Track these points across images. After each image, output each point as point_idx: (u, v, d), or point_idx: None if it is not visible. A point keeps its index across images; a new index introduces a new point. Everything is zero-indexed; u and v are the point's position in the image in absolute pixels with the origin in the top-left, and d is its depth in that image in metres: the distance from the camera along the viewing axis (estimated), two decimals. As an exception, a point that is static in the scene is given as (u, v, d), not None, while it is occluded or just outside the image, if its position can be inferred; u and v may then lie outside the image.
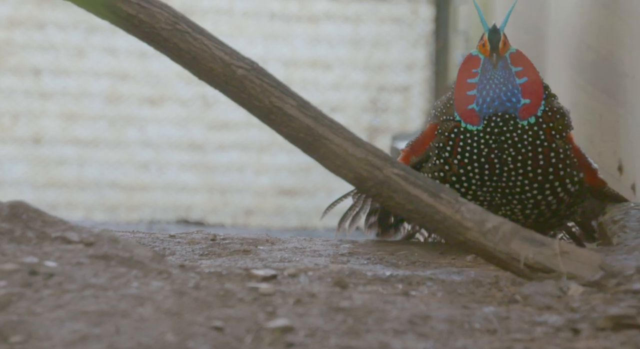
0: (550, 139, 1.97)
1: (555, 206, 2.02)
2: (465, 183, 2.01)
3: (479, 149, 1.97)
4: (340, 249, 2.09)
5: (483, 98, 1.97)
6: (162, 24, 1.79)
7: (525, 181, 1.98)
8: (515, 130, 1.95)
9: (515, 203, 2.01)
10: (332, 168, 1.75)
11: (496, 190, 2.00)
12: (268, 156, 5.63)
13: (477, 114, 1.97)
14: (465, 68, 2.00)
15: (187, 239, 2.21)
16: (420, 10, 5.57)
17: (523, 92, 1.96)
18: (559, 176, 1.98)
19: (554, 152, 1.97)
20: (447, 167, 2.02)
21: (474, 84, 1.98)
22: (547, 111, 1.97)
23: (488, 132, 1.96)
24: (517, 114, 1.95)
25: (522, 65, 1.98)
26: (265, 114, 1.77)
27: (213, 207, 5.65)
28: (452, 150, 2.00)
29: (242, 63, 1.79)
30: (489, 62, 1.98)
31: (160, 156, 5.63)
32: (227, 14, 5.61)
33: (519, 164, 1.97)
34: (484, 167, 1.98)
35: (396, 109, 5.63)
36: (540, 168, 1.97)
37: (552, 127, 1.97)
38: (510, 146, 1.96)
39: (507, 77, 1.96)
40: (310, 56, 5.64)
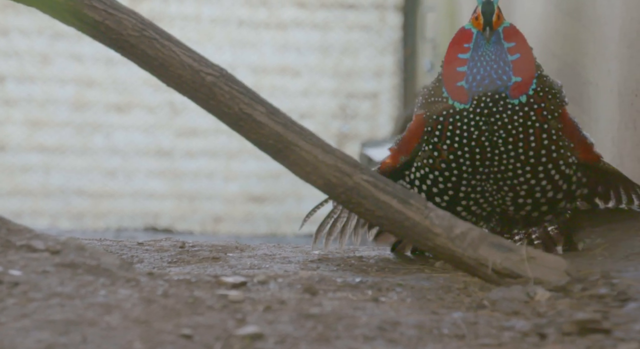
0: (542, 120, 1.86)
1: (551, 194, 1.89)
2: (455, 170, 1.88)
3: (469, 131, 1.85)
4: (310, 256, 2.09)
5: (473, 76, 1.85)
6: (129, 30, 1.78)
7: (517, 164, 1.86)
8: (506, 110, 1.84)
9: (506, 190, 1.88)
10: (302, 175, 1.75)
11: (488, 176, 1.87)
12: (237, 163, 5.62)
13: (466, 92, 1.85)
14: (457, 42, 1.87)
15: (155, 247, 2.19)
16: (388, 17, 5.61)
17: (515, 69, 1.85)
18: (552, 157, 1.87)
19: (546, 133, 1.86)
20: (436, 153, 1.89)
21: (465, 59, 1.86)
22: (539, 91, 1.86)
23: (478, 113, 1.85)
24: (507, 92, 1.84)
25: (515, 41, 1.86)
26: (234, 121, 1.77)
27: (181, 214, 5.62)
28: (441, 134, 1.88)
29: (211, 70, 1.79)
30: (481, 37, 1.85)
31: (127, 163, 5.58)
32: (194, 20, 5.59)
33: (510, 147, 1.85)
34: (474, 151, 1.86)
35: (365, 115, 5.65)
36: (532, 150, 1.86)
37: (544, 108, 1.86)
38: (500, 127, 1.84)
39: (499, 54, 1.85)
40: (279, 63, 5.64)
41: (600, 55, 2.53)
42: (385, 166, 1.97)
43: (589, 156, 1.93)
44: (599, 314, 1.47)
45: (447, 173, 1.89)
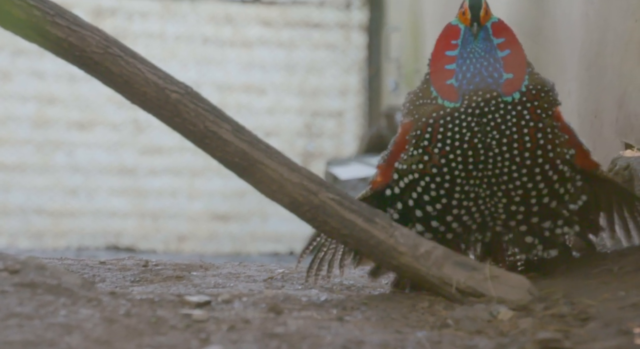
0: (536, 118, 1.73)
1: (546, 200, 1.75)
2: (447, 175, 1.74)
3: (461, 133, 1.72)
4: (275, 275, 2.08)
5: (463, 73, 1.73)
6: (93, 47, 1.77)
7: (512, 166, 1.73)
8: (498, 109, 1.72)
9: (500, 195, 1.74)
10: (268, 193, 1.75)
11: (482, 180, 1.74)
12: (202, 181, 5.58)
13: (455, 91, 1.73)
14: (444, 39, 1.77)
15: (118, 266, 2.16)
16: (353, 37, 5.65)
17: (505, 66, 1.73)
18: (548, 157, 1.74)
19: (541, 132, 1.74)
20: (427, 157, 1.75)
21: (454, 57, 1.75)
22: (532, 89, 1.74)
23: (469, 113, 1.72)
24: (499, 90, 1.72)
25: (504, 37, 1.76)
26: (199, 139, 1.76)
27: (144, 233, 5.56)
28: (431, 137, 1.74)
29: (176, 87, 1.78)
30: (469, 33, 1.75)
31: (89, 181, 5.52)
32: (159, 38, 5.57)
33: (505, 148, 1.73)
34: (467, 153, 1.73)
35: (330, 134, 5.67)
36: (528, 151, 1.73)
37: (538, 106, 1.74)
38: (493, 127, 1.72)
39: (488, 50, 1.74)
40: (245, 81, 5.64)
41: (560, 76, 2.57)
42: (377, 185, 1.83)
43: (586, 162, 1.80)
44: (561, 334, 1.48)
45: (439, 178, 1.75)
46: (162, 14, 5.59)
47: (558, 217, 1.79)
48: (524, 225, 1.78)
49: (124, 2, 5.56)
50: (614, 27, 2.35)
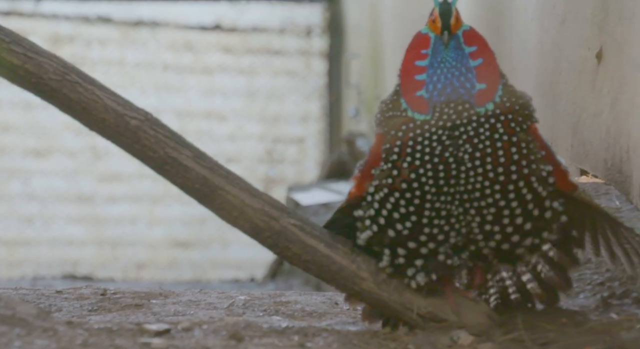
0: (510, 132, 1.64)
1: (520, 221, 1.64)
2: (417, 190, 1.64)
3: (431, 146, 1.63)
4: (236, 301, 2.06)
5: (434, 84, 1.65)
6: (50, 74, 1.75)
7: (485, 182, 1.63)
8: (470, 122, 1.63)
9: (473, 213, 1.63)
10: (229, 219, 1.74)
11: (454, 197, 1.64)
12: (161, 208, 5.53)
13: (426, 102, 1.65)
14: (414, 48, 1.68)
15: (75, 295, 2.12)
16: (313, 64, 5.69)
17: (478, 76, 1.65)
18: (523, 174, 1.64)
19: (515, 147, 1.64)
20: (396, 171, 1.65)
21: (424, 67, 1.66)
22: (505, 101, 1.65)
23: (440, 126, 1.64)
24: (472, 100, 1.64)
25: (476, 45, 1.67)
26: (159, 165, 1.75)
27: (102, 261, 5.48)
28: (400, 150, 1.65)
29: (135, 114, 1.77)
30: (440, 42, 1.66)
31: (46, 209, 5.43)
32: (118, 65, 5.55)
33: (477, 162, 1.63)
34: (437, 168, 1.63)
35: (291, 160, 5.68)
36: (502, 166, 1.63)
37: (512, 119, 1.64)
38: (466, 141, 1.63)
39: (460, 59, 1.65)
40: (205, 107, 5.63)
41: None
42: (352, 196, 1.71)
43: (563, 183, 1.68)
44: (521, 357, 1.49)
45: (408, 194, 1.64)
46: (121, 41, 5.58)
47: (535, 241, 1.67)
48: (504, 244, 1.66)
49: (83, 29, 5.53)
50: (568, 56, 2.41)
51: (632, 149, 2.06)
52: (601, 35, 2.21)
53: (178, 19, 5.60)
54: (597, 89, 2.24)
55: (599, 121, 2.22)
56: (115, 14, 5.54)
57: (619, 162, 2.12)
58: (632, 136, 2.06)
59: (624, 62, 2.10)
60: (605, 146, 2.19)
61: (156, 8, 5.60)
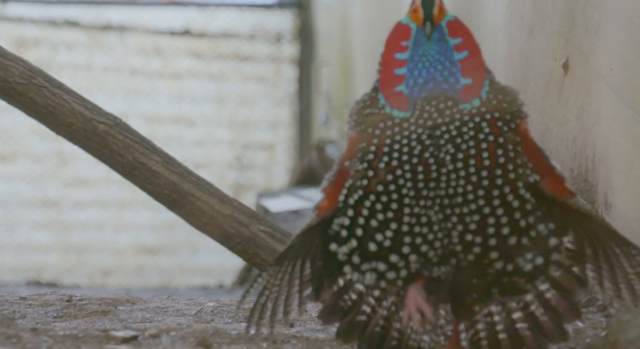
0: (497, 131, 1.48)
1: (506, 231, 1.47)
2: (395, 193, 1.48)
3: (410, 146, 1.48)
4: (205, 308, 2.05)
5: (414, 79, 1.50)
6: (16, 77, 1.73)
7: (468, 186, 1.47)
8: (453, 121, 1.48)
9: (455, 221, 1.48)
10: (198, 225, 1.73)
11: (434, 202, 1.48)
12: (129, 213, 5.48)
13: (406, 98, 1.50)
14: (394, 40, 1.52)
15: (39, 301, 2.09)
16: (283, 70, 5.70)
17: (463, 70, 1.50)
18: (509, 179, 1.47)
19: (501, 148, 1.48)
20: (372, 172, 1.49)
21: (404, 60, 1.51)
22: (492, 98, 1.50)
23: (420, 124, 1.49)
24: (456, 96, 1.49)
25: (461, 37, 1.52)
26: (128, 170, 1.74)
27: (68, 267, 5.41)
28: (377, 149, 1.49)
29: (104, 118, 1.76)
30: (422, 33, 1.51)
31: (10, 214, 5.35)
32: (85, 69, 5.49)
33: (460, 164, 1.47)
34: (416, 170, 1.48)
35: (261, 166, 5.67)
36: (486, 169, 1.47)
37: (499, 117, 1.49)
38: (448, 141, 1.47)
39: (443, 52, 1.50)
40: (174, 113, 5.60)
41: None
42: (324, 210, 1.53)
43: (557, 189, 1.50)
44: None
45: (384, 198, 1.48)
46: (89, 45, 5.52)
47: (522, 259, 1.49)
48: (483, 260, 1.49)
49: (49, 32, 5.47)
50: (536, 66, 2.44)
51: (598, 159, 2.09)
52: (568, 46, 2.25)
53: (147, 24, 5.57)
54: (564, 98, 2.27)
55: (566, 130, 2.25)
56: (83, 18, 5.49)
57: (585, 171, 2.15)
58: (598, 146, 2.09)
59: (589, 72, 2.13)
60: (571, 155, 2.22)
61: (125, 12, 5.56)
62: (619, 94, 1.99)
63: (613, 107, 2.02)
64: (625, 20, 1.94)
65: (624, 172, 1.97)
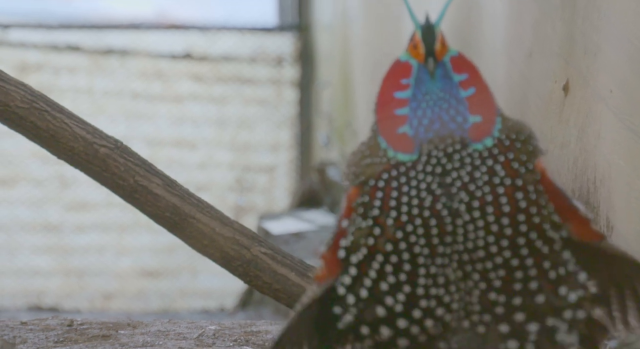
0: (513, 174, 1.34)
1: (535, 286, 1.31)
2: (407, 253, 1.32)
3: (420, 197, 1.32)
4: (206, 331, 2.04)
5: (419, 119, 1.36)
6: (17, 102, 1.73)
7: (489, 237, 1.32)
8: (465, 164, 1.33)
9: (477, 279, 1.32)
10: (199, 248, 1.73)
11: (452, 258, 1.32)
12: (130, 237, 5.47)
13: (410, 140, 1.35)
14: (392, 78, 1.38)
15: (40, 326, 2.08)
16: (284, 93, 5.72)
17: (471, 107, 1.37)
18: (533, 224, 1.32)
19: (521, 191, 1.33)
20: (379, 230, 1.32)
21: (405, 99, 1.37)
22: (504, 138, 1.35)
23: (429, 171, 1.33)
24: (466, 136, 1.35)
25: (466, 72, 1.38)
26: (129, 194, 1.74)
27: (69, 291, 5.38)
28: (382, 204, 1.32)
29: (105, 142, 1.76)
30: (424, 70, 1.37)
31: (11, 239, 5.34)
32: (87, 93, 5.51)
33: (477, 214, 1.32)
34: (429, 223, 1.32)
35: (262, 188, 5.67)
36: (507, 216, 1.32)
37: (514, 158, 1.34)
38: (461, 188, 1.32)
39: (448, 90, 1.37)
40: (175, 135, 5.61)
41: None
42: (324, 279, 1.35)
43: (584, 232, 1.35)
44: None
45: (395, 258, 1.32)
46: (91, 69, 5.55)
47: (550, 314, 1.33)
48: (504, 324, 1.32)
49: (51, 57, 5.50)
50: (535, 88, 2.45)
51: (599, 180, 2.09)
52: (567, 68, 2.25)
53: (148, 48, 5.60)
54: (564, 120, 2.28)
55: (567, 152, 2.26)
56: (85, 42, 5.52)
57: (586, 193, 2.15)
58: (599, 167, 2.09)
59: (589, 94, 2.14)
60: (572, 176, 2.22)
61: (126, 36, 5.60)
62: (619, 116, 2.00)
63: (613, 129, 2.02)
64: (625, 43, 1.95)
65: (625, 194, 1.96)
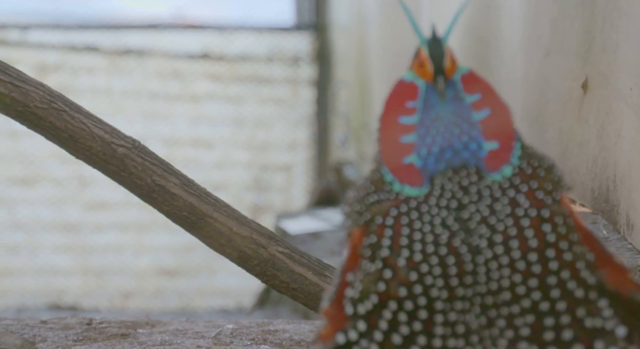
0: (539, 205, 1.16)
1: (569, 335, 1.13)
2: (423, 297, 1.14)
3: (435, 233, 1.15)
4: (224, 330, 2.04)
5: (428, 147, 1.17)
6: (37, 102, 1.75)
7: (515, 276, 1.14)
8: (483, 196, 1.15)
9: (503, 325, 1.14)
10: (216, 247, 1.73)
11: (473, 302, 1.14)
12: (148, 236, 5.50)
13: (418, 171, 1.17)
14: (397, 101, 1.19)
15: (60, 325, 2.09)
16: (301, 92, 5.72)
17: (485, 132, 1.17)
18: (565, 261, 1.15)
19: (549, 223, 1.15)
20: (390, 273, 1.15)
21: (412, 125, 1.18)
22: (525, 166, 1.17)
23: (444, 206, 1.15)
24: (481, 165, 1.16)
25: (479, 91, 1.19)
26: (147, 193, 1.74)
27: (88, 290, 5.42)
28: (392, 243, 1.15)
29: (123, 141, 1.77)
30: (433, 91, 1.18)
31: (31, 238, 5.39)
32: (104, 93, 5.54)
33: (500, 250, 1.14)
34: (447, 263, 1.14)
35: (279, 188, 5.68)
36: (534, 252, 1.14)
37: (538, 187, 1.16)
38: (481, 222, 1.15)
39: (460, 113, 1.18)
40: (193, 135, 5.63)
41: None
42: (328, 339, 1.16)
43: (621, 280, 1.17)
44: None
45: (410, 304, 1.14)
46: (109, 69, 5.59)
47: None
48: None
49: (69, 57, 5.54)
50: (554, 87, 2.43)
51: (619, 179, 2.07)
52: (586, 67, 2.24)
53: (165, 48, 5.62)
54: (583, 119, 2.26)
55: (586, 151, 2.24)
56: (102, 43, 5.55)
57: (606, 191, 2.13)
58: (619, 166, 2.07)
59: (609, 93, 2.12)
60: (592, 175, 2.20)
61: (144, 37, 5.62)
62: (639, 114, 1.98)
63: (634, 127, 2.00)
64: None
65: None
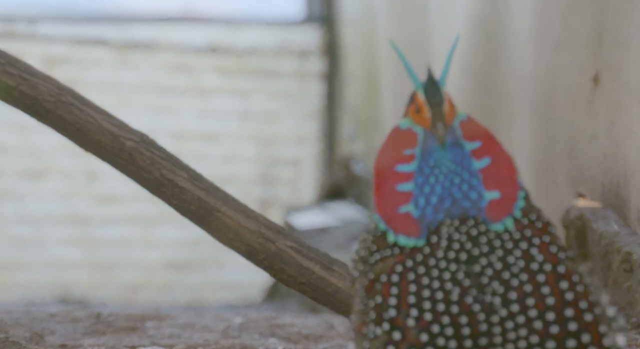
0: (553, 259, 1.10)
1: None
2: None
3: (444, 289, 1.09)
4: (232, 324, 2.05)
5: (426, 197, 1.12)
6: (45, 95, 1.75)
7: (531, 337, 1.08)
8: (493, 249, 1.10)
9: None
10: (224, 241, 1.73)
11: None
12: (157, 230, 5.51)
13: (415, 222, 1.12)
14: (394, 149, 1.15)
15: (68, 318, 2.10)
16: (309, 86, 5.71)
17: (486, 181, 1.13)
18: (585, 322, 1.08)
19: (566, 281, 1.09)
20: (400, 335, 1.09)
21: (409, 173, 1.13)
22: (535, 219, 1.12)
23: (453, 258, 1.10)
24: (483, 215, 1.11)
25: (479, 139, 1.15)
26: (155, 187, 1.75)
27: (97, 284, 5.44)
28: (399, 301, 1.10)
29: (131, 135, 1.77)
30: (432, 138, 1.13)
31: (40, 231, 5.41)
32: (112, 86, 5.55)
33: (516, 308, 1.08)
34: (459, 321, 1.08)
35: (287, 182, 5.68)
36: (552, 310, 1.08)
37: (551, 241, 1.11)
38: (493, 277, 1.09)
39: (459, 161, 1.13)
40: (200, 129, 5.63)
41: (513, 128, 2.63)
42: None
43: None
44: None
45: None
46: (116, 63, 5.59)
47: None
48: None
49: (77, 50, 5.55)
50: (563, 80, 2.42)
51: (630, 173, 2.06)
52: (596, 60, 2.22)
53: (173, 41, 5.62)
54: (594, 113, 2.25)
55: (596, 145, 2.23)
56: (110, 36, 5.56)
57: (617, 186, 2.12)
58: (630, 160, 2.06)
59: (620, 86, 2.11)
60: (602, 169, 2.19)
61: (151, 30, 5.62)
62: (649, 107, 1.97)
63: (644, 120, 1.99)
64: (655, 33, 1.92)
65: (656, 187, 1.94)
